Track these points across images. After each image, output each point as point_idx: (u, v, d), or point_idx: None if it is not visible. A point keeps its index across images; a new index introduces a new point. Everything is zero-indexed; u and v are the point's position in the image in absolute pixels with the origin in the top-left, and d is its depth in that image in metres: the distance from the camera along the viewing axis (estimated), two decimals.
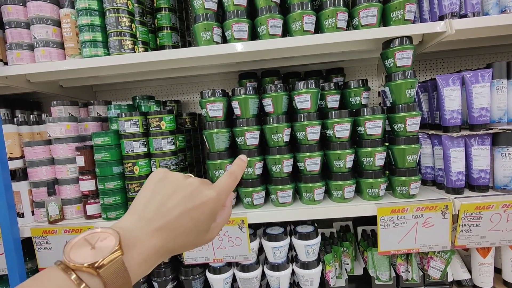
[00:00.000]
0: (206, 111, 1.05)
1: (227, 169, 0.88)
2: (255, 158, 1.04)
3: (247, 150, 1.04)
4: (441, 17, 1.03)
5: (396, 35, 0.99)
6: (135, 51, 1.10)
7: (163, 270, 1.14)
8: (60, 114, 1.21)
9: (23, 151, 1.15)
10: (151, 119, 1.08)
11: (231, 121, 1.09)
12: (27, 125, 1.26)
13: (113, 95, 1.66)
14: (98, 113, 1.29)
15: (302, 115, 1.02)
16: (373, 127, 1.01)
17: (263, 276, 1.13)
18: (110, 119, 1.20)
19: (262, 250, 1.17)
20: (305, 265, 1.06)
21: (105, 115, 1.29)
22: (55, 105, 1.21)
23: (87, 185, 1.11)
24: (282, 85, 1.03)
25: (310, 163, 1.03)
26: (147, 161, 1.09)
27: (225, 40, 1.08)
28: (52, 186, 1.10)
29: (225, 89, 1.09)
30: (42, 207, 1.12)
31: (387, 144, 1.06)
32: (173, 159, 1.10)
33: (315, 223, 1.13)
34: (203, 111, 1.07)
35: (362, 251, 1.27)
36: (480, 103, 1.00)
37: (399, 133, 1.03)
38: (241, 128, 1.03)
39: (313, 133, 1.02)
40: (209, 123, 1.04)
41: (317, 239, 1.05)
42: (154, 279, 1.14)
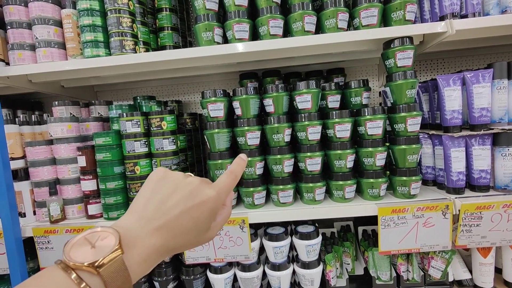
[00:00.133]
0: (207, 111, 1.05)
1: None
2: (256, 158, 1.04)
3: (248, 150, 1.04)
4: (442, 18, 1.03)
5: (397, 35, 0.99)
6: (136, 52, 1.11)
7: (164, 269, 1.14)
8: (61, 114, 1.21)
9: (25, 151, 1.16)
10: (152, 119, 1.08)
11: (232, 121, 1.09)
12: (29, 125, 1.27)
13: (114, 95, 1.67)
14: (99, 113, 1.29)
15: (303, 115, 1.02)
16: (374, 127, 1.01)
17: (264, 275, 1.14)
18: (111, 119, 1.21)
19: (263, 250, 1.17)
20: (306, 265, 1.06)
21: (106, 115, 1.29)
22: (56, 105, 1.21)
23: (89, 185, 1.11)
24: (283, 85, 1.03)
25: (311, 163, 1.03)
26: (148, 161, 1.09)
27: (226, 40, 1.08)
28: (53, 186, 1.10)
29: (226, 89, 1.10)
30: (43, 207, 1.13)
31: (387, 144, 1.06)
32: (174, 159, 1.10)
33: (316, 223, 1.13)
34: (204, 111, 1.07)
35: (362, 251, 1.27)
36: (480, 103, 1.00)
37: (399, 133, 1.03)
38: (242, 128, 1.03)
39: (314, 133, 1.02)
40: (210, 123, 1.05)
41: (318, 239, 1.05)
42: (155, 278, 1.14)
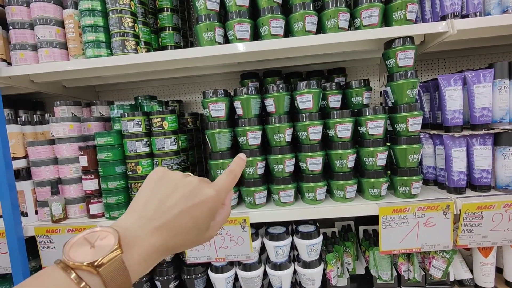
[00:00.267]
0: (208, 111, 1.05)
1: None
2: (257, 158, 1.04)
3: (249, 150, 1.04)
4: (443, 17, 1.03)
5: (398, 35, 0.99)
6: (137, 52, 1.11)
7: (165, 269, 1.14)
8: (63, 114, 1.21)
9: (27, 151, 1.16)
10: (153, 119, 1.08)
11: (233, 121, 1.09)
12: (31, 125, 1.27)
13: (115, 95, 1.67)
14: (101, 113, 1.30)
15: (304, 115, 1.02)
16: (375, 127, 1.01)
17: (265, 275, 1.14)
18: (113, 119, 1.21)
19: (264, 249, 1.17)
20: (307, 265, 1.06)
21: (107, 115, 1.30)
22: (58, 105, 1.22)
23: (90, 185, 1.12)
24: (284, 85, 1.03)
25: (312, 163, 1.03)
26: (149, 160, 1.09)
27: (227, 40, 1.08)
28: (55, 185, 1.11)
29: (227, 89, 1.09)
30: (45, 206, 1.13)
31: (388, 144, 1.06)
32: (176, 158, 1.11)
33: (316, 223, 1.13)
34: (205, 111, 1.07)
35: (363, 250, 1.27)
36: (481, 103, 1.00)
37: (400, 133, 1.03)
38: (243, 128, 1.03)
39: (315, 133, 1.02)
40: (211, 123, 1.05)
41: (318, 239, 1.05)
42: (156, 278, 1.15)
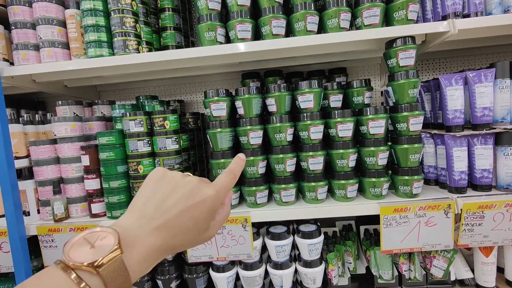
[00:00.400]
0: (209, 110, 1.06)
1: None
2: (258, 157, 1.04)
3: (250, 149, 1.04)
4: (444, 17, 1.03)
5: (399, 35, 0.99)
6: (139, 51, 1.11)
7: (167, 268, 1.15)
8: (65, 113, 1.22)
9: (29, 150, 1.17)
10: (155, 119, 1.09)
11: (234, 120, 1.09)
12: (33, 124, 1.27)
13: (116, 95, 1.68)
14: (102, 113, 1.30)
15: (305, 114, 1.03)
16: (376, 126, 1.02)
17: (266, 274, 1.14)
18: (114, 118, 1.21)
19: (265, 248, 1.17)
20: (308, 264, 1.06)
21: (109, 114, 1.30)
22: (60, 104, 1.22)
23: (92, 184, 1.12)
24: (285, 85, 1.03)
25: (313, 163, 1.03)
26: (151, 160, 1.10)
27: (228, 40, 1.09)
28: (57, 185, 1.11)
29: (228, 89, 1.10)
30: (47, 205, 1.14)
31: (389, 143, 1.07)
32: (177, 158, 1.11)
33: (317, 222, 1.13)
34: (206, 110, 1.08)
35: (364, 250, 1.27)
36: (483, 103, 1.00)
37: (401, 132, 1.03)
38: (245, 127, 1.03)
39: (316, 132, 1.03)
40: (213, 122, 1.05)
41: (319, 238, 1.06)
42: (158, 277, 1.15)
